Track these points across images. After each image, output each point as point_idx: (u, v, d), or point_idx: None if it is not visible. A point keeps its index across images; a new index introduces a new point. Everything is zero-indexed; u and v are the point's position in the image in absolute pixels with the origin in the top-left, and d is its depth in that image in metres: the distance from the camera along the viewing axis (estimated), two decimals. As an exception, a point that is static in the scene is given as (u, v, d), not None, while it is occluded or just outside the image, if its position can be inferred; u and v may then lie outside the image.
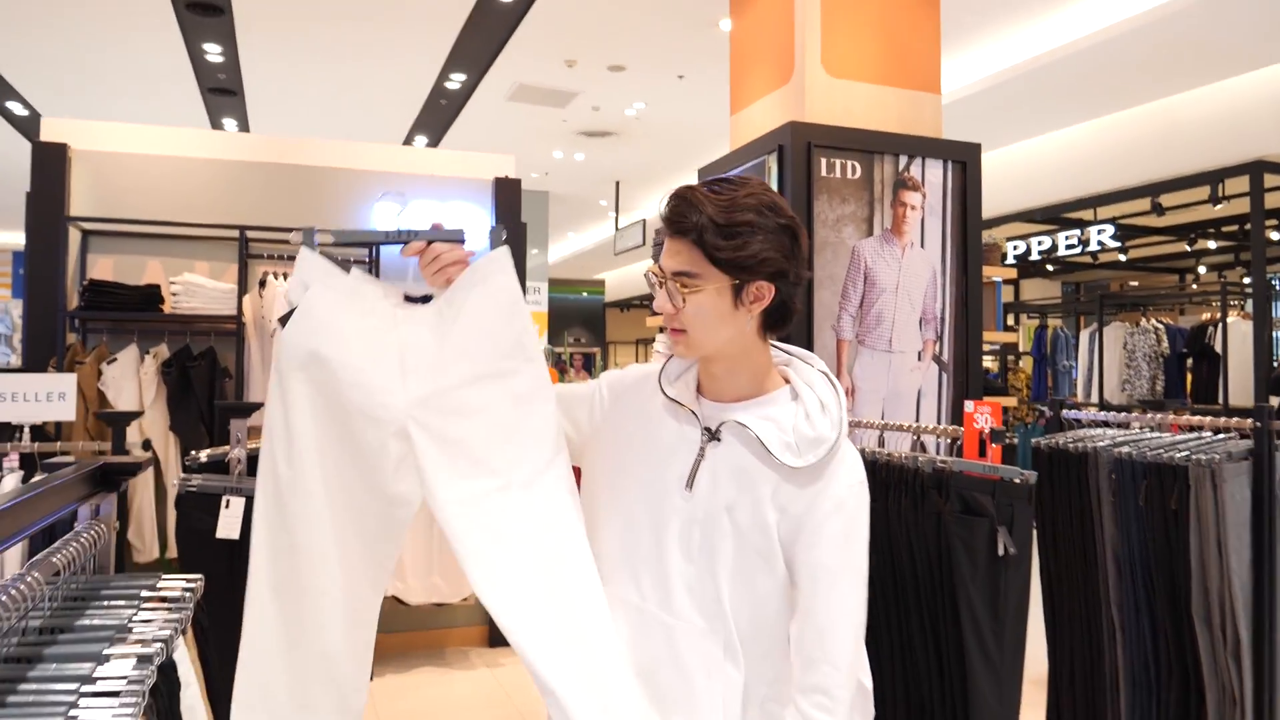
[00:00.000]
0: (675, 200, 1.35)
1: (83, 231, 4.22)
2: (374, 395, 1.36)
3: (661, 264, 1.38)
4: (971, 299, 4.44)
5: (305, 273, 1.39)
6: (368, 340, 1.37)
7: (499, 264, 1.42)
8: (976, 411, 2.18)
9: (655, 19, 6.38)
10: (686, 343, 1.39)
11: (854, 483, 1.39)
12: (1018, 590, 2.15)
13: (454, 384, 1.38)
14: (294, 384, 1.36)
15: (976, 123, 7.22)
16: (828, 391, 1.43)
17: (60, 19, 6.48)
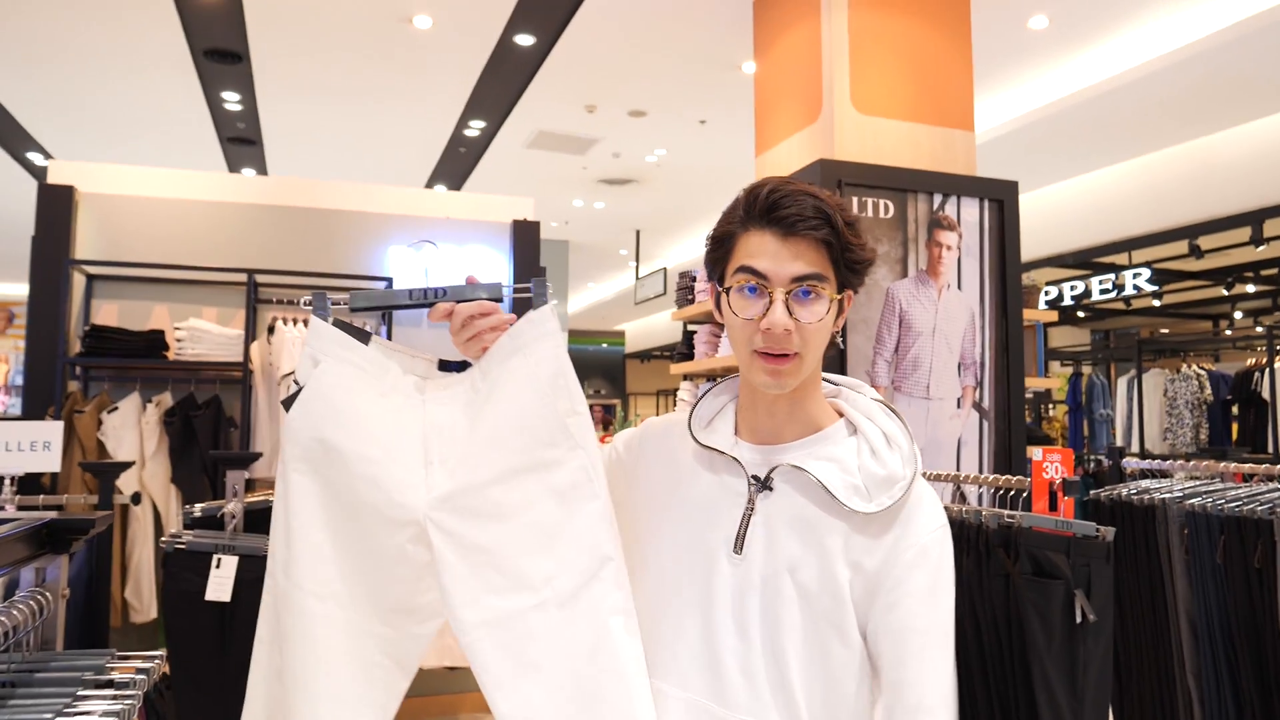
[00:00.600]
0: (794, 193, 1.14)
1: (88, 276, 4.09)
2: (391, 492, 1.17)
3: (765, 269, 1.14)
4: (1013, 343, 4.22)
5: (316, 345, 1.21)
6: (387, 425, 1.20)
7: (541, 327, 1.21)
8: (1046, 460, 1.95)
9: (676, 63, 6.28)
10: (800, 368, 1.16)
11: (936, 527, 1.17)
12: (1099, 661, 1.90)
13: (484, 480, 1.18)
14: (298, 479, 1.18)
15: (1006, 166, 7.03)
16: (891, 423, 1.22)
17: (81, 70, 6.47)
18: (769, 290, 1.13)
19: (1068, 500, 1.93)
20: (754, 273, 1.14)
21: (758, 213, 1.16)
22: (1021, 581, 1.88)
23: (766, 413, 1.23)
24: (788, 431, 1.22)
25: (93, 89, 6.91)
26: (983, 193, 4.26)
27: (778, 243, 1.14)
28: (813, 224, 1.12)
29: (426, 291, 1.24)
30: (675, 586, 1.21)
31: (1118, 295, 8.38)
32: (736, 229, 1.19)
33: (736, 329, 1.18)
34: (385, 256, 4.52)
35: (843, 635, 1.13)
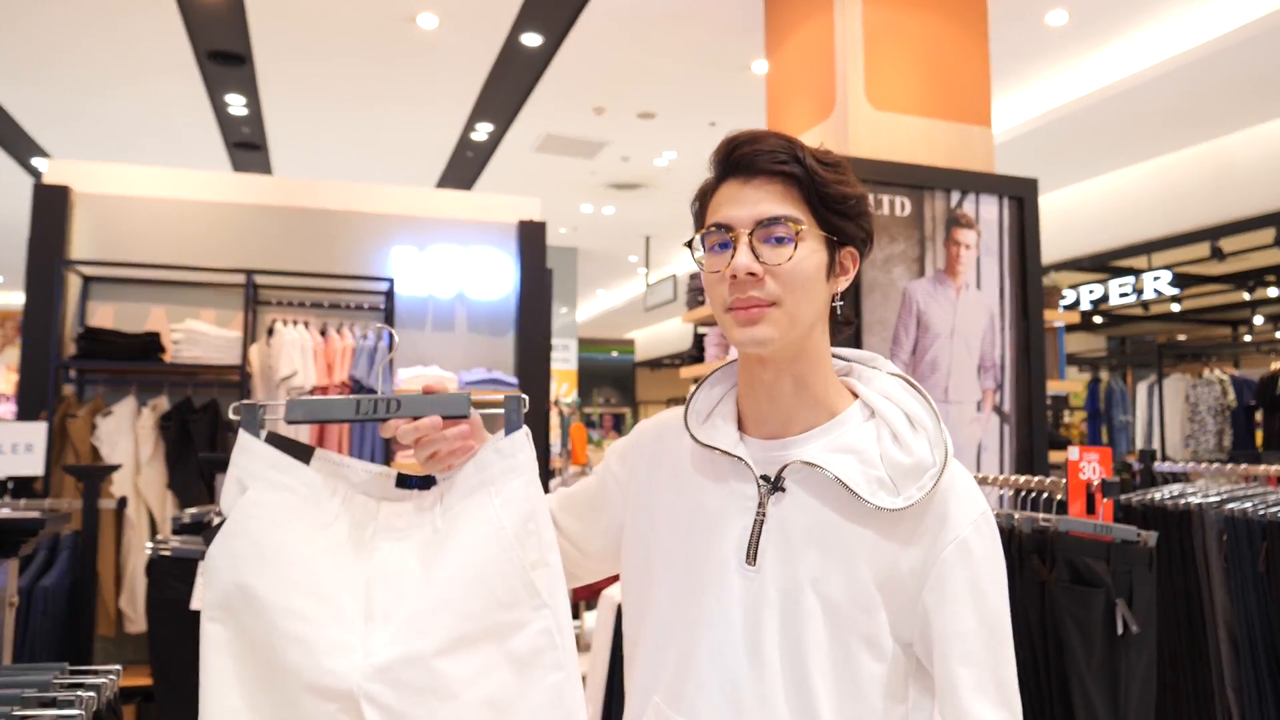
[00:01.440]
0: (760, 134, 1.02)
1: (84, 277, 3.99)
2: (320, 656, 0.98)
3: (728, 218, 1.02)
4: (1034, 345, 4.09)
5: (243, 468, 1.03)
6: (323, 570, 1.01)
7: (511, 460, 1.06)
8: (1083, 459, 1.82)
9: (685, 64, 6.18)
10: (779, 317, 1.01)
11: (976, 516, 1.02)
12: (1142, 675, 1.77)
13: (431, 648, 1.00)
14: (214, 630, 1.00)
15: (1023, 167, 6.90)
16: (913, 401, 1.06)
17: (86, 77, 6.41)
18: (734, 238, 1.01)
19: (1107, 502, 1.80)
20: (719, 225, 1.03)
21: (720, 163, 1.05)
22: (1058, 589, 1.75)
23: (768, 397, 1.07)
24: (796, 419, 1.07)
25: (98, 95, 6.86)
26: (1002, 190, 4.14)
27: (741, 186, 1.02)
28: (775, 158, 1.00)
29: (377, 403, 1.05)
30: (683, 605, 1.07)
31: (1137, 299, 8.23)
32: (710, 187, 1.08)
33: (710, 289, 1.05)
34: (388, 257, 4.42)
35: (875, 648, 1.00)
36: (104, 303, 4.04)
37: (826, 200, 1.02)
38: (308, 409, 1.06)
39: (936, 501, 1.01)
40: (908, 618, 1.01)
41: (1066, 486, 1.85)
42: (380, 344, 4.07)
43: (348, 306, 4.30)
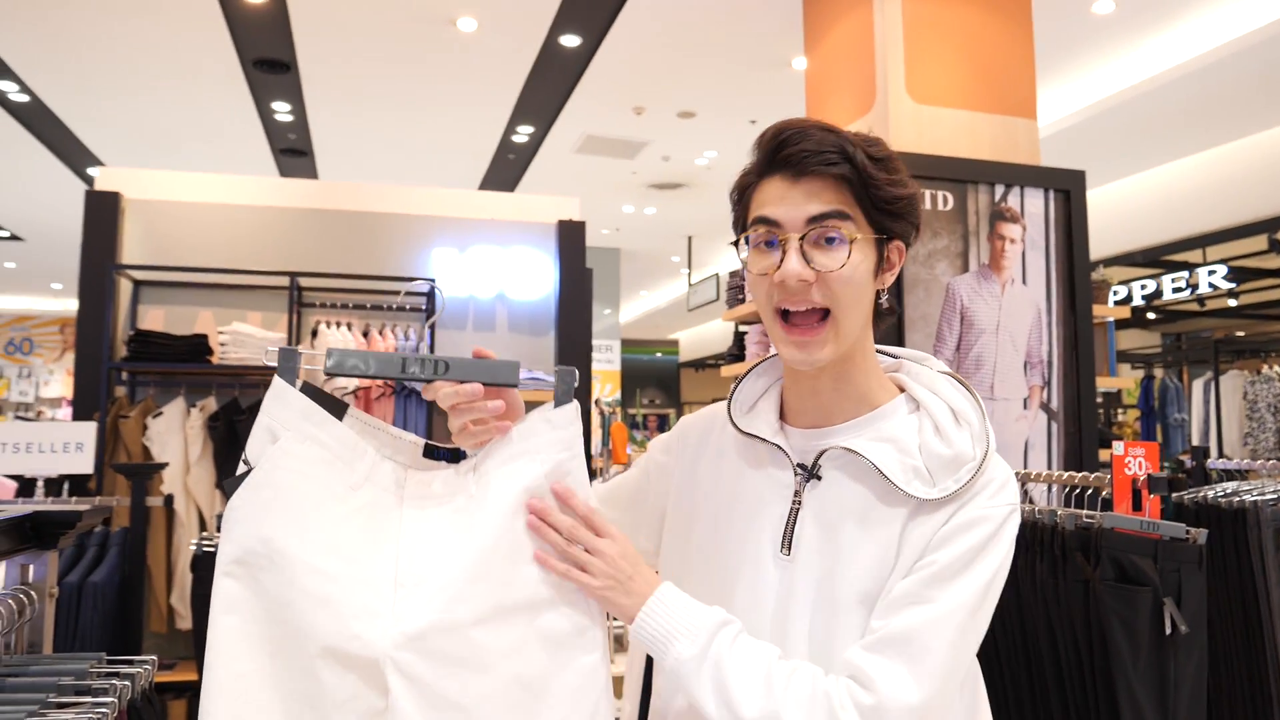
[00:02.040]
0: (806, 128, 0.99)
1: (134, 282, 4.09)
2: (348, 619, 0.92)
3: (778, 216, 0.99)
4: (1082, 340, 4.00)
5: (276, 415, 0.96)
6: (353, 530, 0.95)
7: (561, 431, 1.01)
8: (1129, 454, 1.77)
9: (724, 62, 6.16)
10: (834, 336, 1.00)
11: (1001, 503, 0.99)
12: (1191, 677, 1.72)
13: (466, 617, 0.94)
14: (230, 586, 0.92)
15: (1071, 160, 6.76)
16: (960, 397, 1.05)
17: (139, 88, 6.57)
18: (783, 239, 0.99)
19: (1153, 499, 1.75)
20: (766, 221, 1.00)
21: (766, 157, 1.02)
22: (1103, 588, 1.71)
23: (811, 390, 1.07)
24: (838, 411, 1.06)
25: (150, 105, 7.03)
26: (1047, 183, 4.06)
27: (789, 185, 0.99)
28: (828, 159, 0.97)
29: (424, 362, 0.99)
30: (716, 593, 1.06)
31: (1192, 294, 8.01)
32: (752, 180, 1.05)
33: (755, 288, 1.04)
34: (429, 259, 4.46)
35: None
36: (154, 306, 4.14)
37: (878, 201, 1.00)
38: (352, 361, 0.99)
39: (970, 493, 0.99)
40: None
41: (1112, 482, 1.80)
42: (421, 344, 4.12)
43: (389, 308, 4.35)
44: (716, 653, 0.94)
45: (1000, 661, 1.97)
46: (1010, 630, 1.93)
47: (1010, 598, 1.93)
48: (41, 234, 11.00)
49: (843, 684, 0.93)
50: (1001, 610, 1.97)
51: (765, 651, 0.96)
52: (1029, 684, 1.91)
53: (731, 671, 0.93)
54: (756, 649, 0.96)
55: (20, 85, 6.55)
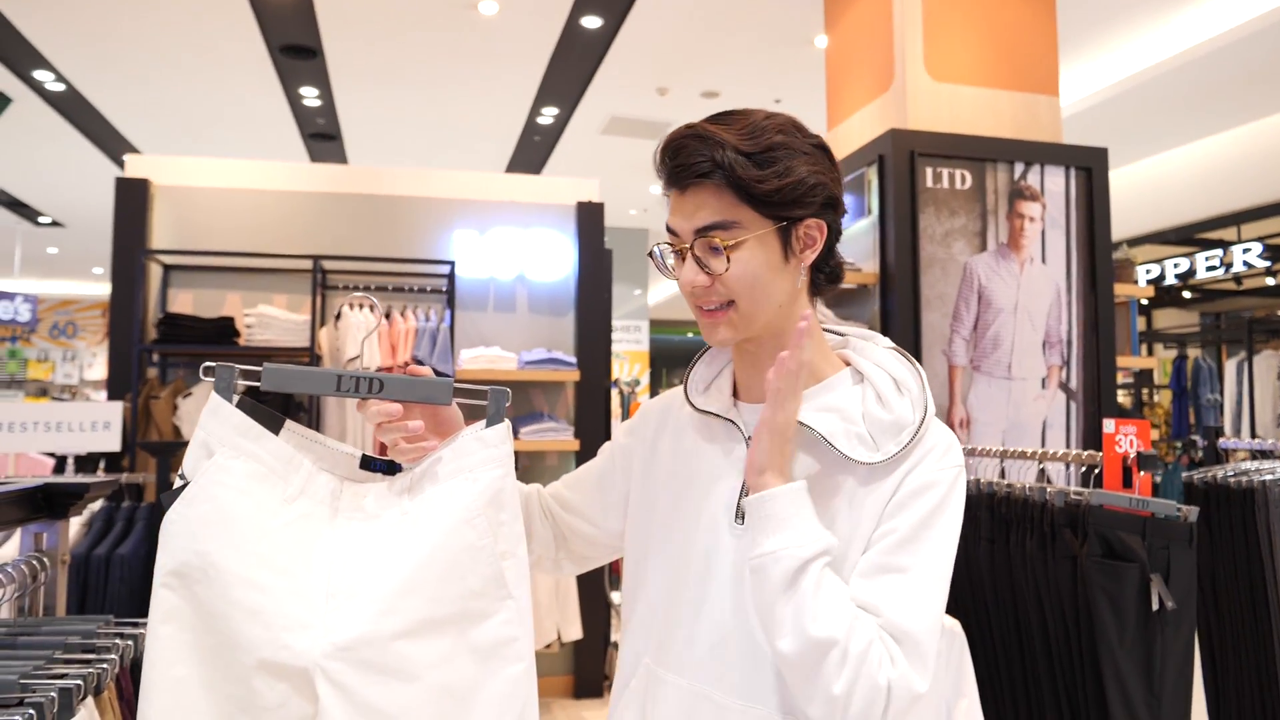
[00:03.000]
0: (681, 140, 1.03)
1: (164, 266, 4.20)
2: (279, 630, 0.95)
3: (674, 227, 1.06)
4: (1102, 320, 3.98)
5: (212, 431, 0.99)
6: (286, 544, 0.98)
7: (493, 450, 1.04)
8: (1119, 432, 1.79)
9: (747, 40, 6.14)
10: (735, 320, 1.06)
11: (947, 466, 1.05)
12: (1178, 654, 1.74)
13: (394, 629, 0.97)
14: (167, 597, 0.96)
15: (1097, 138, 6.67)
16: (901, 368, 1.10)
17: (171, 77, 6.69)
18: (682, 248, 1.06)
19: (1144, 476, 1.77)
20: (671, 232, 1.07)
21: (660, 172, 1.07)
22: (1090, 564, 1.73)
23: (756, 368, 1.13)
24: None
25: (182, 93, 7.15)
26: (1068, 160, 4.02)
27: (679, 197, 1.06)
28: (700, 170, 1.01)
29: (359, 381, 1.02)
30: (675, 565, 1.12)
31: (1226, 273, 7.87)
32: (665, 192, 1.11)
33: (680, 290, 1.10)
34: (450, 241, 4.52)
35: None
36: (183, 290, 4.25)
37: (760, 196, 1.02)
38: (285, 378, 1.02)
39: (913, 457, 1.04)
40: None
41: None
42: (441, 325, 4.18)
43: (410, 289, 4.42)
44: (815, 569, 0.97)
45: (991, 636, 2.00)
46: (1002, 605, 1.96)
47: (1002, 573, 1.95)
48: (82, 220, 11.26)
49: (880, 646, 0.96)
50: (993, 585, 2.00)
51: (845, 589, 0.99)
52: (1020, 659, 1.93)
53: (821, 589, 0.96)
54: (839, 584, 0.99)
55: (56, 74, 6.70)
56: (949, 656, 1.80)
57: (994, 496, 2.02)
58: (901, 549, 1.00)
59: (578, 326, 4.59)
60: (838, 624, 0.93)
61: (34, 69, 6.60)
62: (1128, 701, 1.70)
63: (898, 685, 0.94)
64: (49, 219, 11.46)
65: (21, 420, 2.52)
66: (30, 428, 2.47)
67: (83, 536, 2.51)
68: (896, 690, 0.94)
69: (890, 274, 3.79)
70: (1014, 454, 2.18)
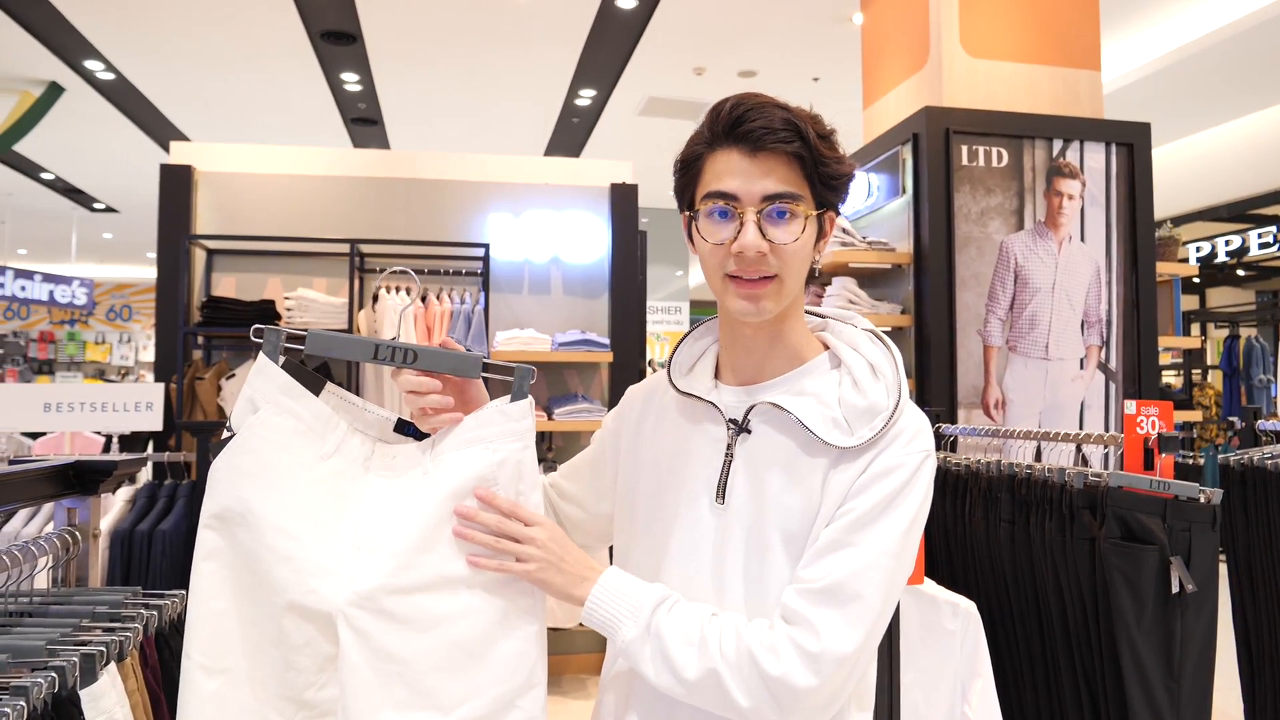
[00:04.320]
0: (761, 104, 1.04)
1: (207, 251, 4.30)
2: (307, 575, 1.02)
3: (735, 189, 1.04)
4: (1144, 299, 3.91)
5: (258, 389, 1.07)
6: (319, 496, 1.06)
7: (514, 424, 1.09)
8: (1140, 413, 1.77)
9: (784, 18, 6.08)
10: (779, 292, 1.06)
11: (915, 450, 1.06)
12: (1199, 638, 1.72)
13: (415, 583, 1.04)
14: (209, 537, 1.04)
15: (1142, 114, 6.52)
16: (878, 352, 1.12)
17: (215, 63, 6.82)
18: (739, 211, 1.04)
19: (1165, 458, 1.75)
20: (723, 195, 1.05)
21: (723, 130, 1.06)
22: (1108, 546, 1.72)
23: (745, 350, 1.14)
24: (769, 368, 1.13)
25: (228, 80, 7.29)
26: (1109, 136, 3.94)
27: (746, 160, 1.04)
28: (782, 136, 1.02)
29: (395, 350, 1.08)
30: (658, 542, 1.15)
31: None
32: (703, 150, 1.09)
33: (707, 255, 1.09)
34: (485, 224, 4.57)
35: None
36: (226, 274, 4.35)
37: (825, 178, 1.06)
38: (327, 343, 1.08)
39: (885, 440, 1.05)
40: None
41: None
42: (477, 308, 4.24)
43: (446, 272, 4.48)
44: (656, 627, 1.03)
45: (1011, 618, 2.00)
46: (1021, 587, 1.95)
47: (1021, 555, 1.95)
48: (134, 206, 11.55)
49: (779, 632, 1.00)
50: (1013, 567, 2.00)
51: (698, 615, 1.04)
52: (1039, 641, 1.93)
53: (670, 640, 1.02)
54: (690, 614, 1.04)
55: (106, 64, 6.87)
56: (964, 637, 1.80)
57: (1015, 478, 2.02)
58: (855, 528, 1.02)
59: (612, 308, 4.61)
60: (701, 658, 1.00)
61: (85, 59, 6.77)
62: (1146, 685, 1.70)
63: (818, 658, 0.97)
64: (103, 205, 11.77)
65: (69, 401, 2.62)
66: (77, 408, 2.57)
67: (126, 513, 2.61)
68: (812, 662, 0.97)
69: (925, 254, 3.76)
70: (1035, 435, 2.16)
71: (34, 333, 14.19)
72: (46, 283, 10.98)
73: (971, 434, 2.74)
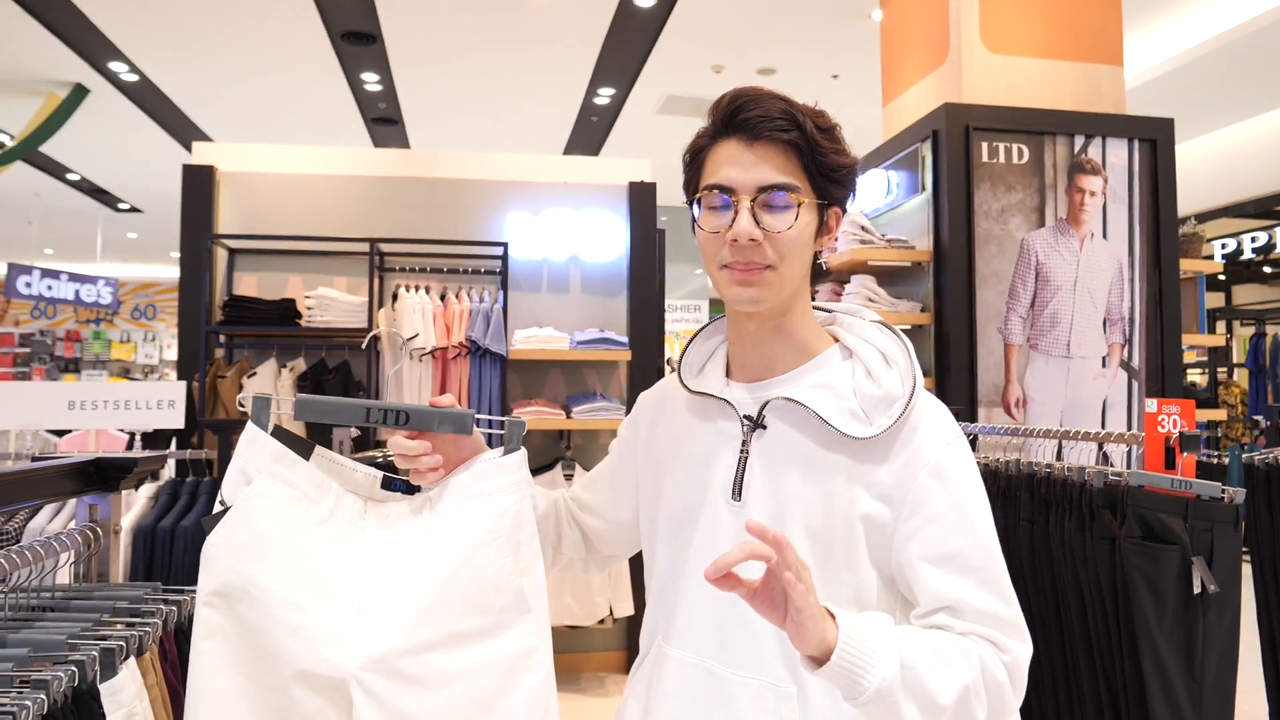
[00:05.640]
0: (759, 95, 1.06)
1: (229, 250, 4.34)
2: (317, 645, 1.02)
3: (731, 180, 1.05)
4: (1167, 296, 3.87)
5: (250, 459, 1.06)
6: (319, 563, 1.06)
7: (510, 478, 1.11)
8: (1162, 412, 1.75)
9: (803, 14, 6.06)
10: (774, 283, 1.06)
11: (948, 441, 1.06)
12: (1221, 639, 1.70)
13: (424, 642, 1.05)
14: (209, 615, 1.02)
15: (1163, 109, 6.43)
16: (889, 342, 1.12)
17: (237, 64, 6.87)
18: (736, 200, 1.05)
19: (1187, 458, 1.73)
20: (720, 186, 1.06)
21: (722, 121, 1.07)
22: (1129, 546, 1.70)
23: (752, 344, 1.14)
24: (779, 363, 1.13)
25: (249, 81, 7.34)
26: (1131, 132, 3.91)
27: (743, 150, 1.05)
28: (779, 125, 1.03)
29: (386, 413, 1.08)
30: (677, 543, 1.15)
31: (1309, 246, 7.55)
32: (706, 143, 1.10)
33: (705, 245, 1.10)
34: (504, 223, 4.58)
35: (856, 576, 1.05)
36: (247, 273, 4.39)
37: (823, 169, 1.06)
38: (316, 409, 1.08)
39: (906, 429, 1.05)
40: (886, 546, 1.05)
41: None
42: (496, 306, 4.25)
43: (465, 271, 4.50)
44: (907, 657, 0.94)
45: (1030, 618, 1.98)
46: (1041, 587, 1.94)
47: (1041, 554, 1.93)
48: (158, 206, 11.67)
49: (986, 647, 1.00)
50: (1032, 567, 1.98)
51: (923, 635, 0.99)
52: (1059, 641, 1.91)
53: (921, 667, 0.94)
54: (917, 635, 0.99)
55: (129, 65, 6.94)
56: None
57: (1034, 477, 2.00)
58: (950, 536, 1.02)
59: (630, 306, 4.61)
60: (952, 677, 0.95)
61: (109, 61, 6.84)
62: (1167, 686, 1.68)
63: (1013, 666, 1.00)
64: (127, 205, 11.89)
65: (93, 399, 2.65)
66: (101, 405, 2.61)
67: (149, 510, 2.64)
68: (1014, 671, 1.00)
69: (944, 251, 3.73)
70: (1056, 433, 2.14)
71: (60, 331, 14.36)
72: (73, 282, 11.11)
73: (992, 433, 2.72)
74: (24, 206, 11.52)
